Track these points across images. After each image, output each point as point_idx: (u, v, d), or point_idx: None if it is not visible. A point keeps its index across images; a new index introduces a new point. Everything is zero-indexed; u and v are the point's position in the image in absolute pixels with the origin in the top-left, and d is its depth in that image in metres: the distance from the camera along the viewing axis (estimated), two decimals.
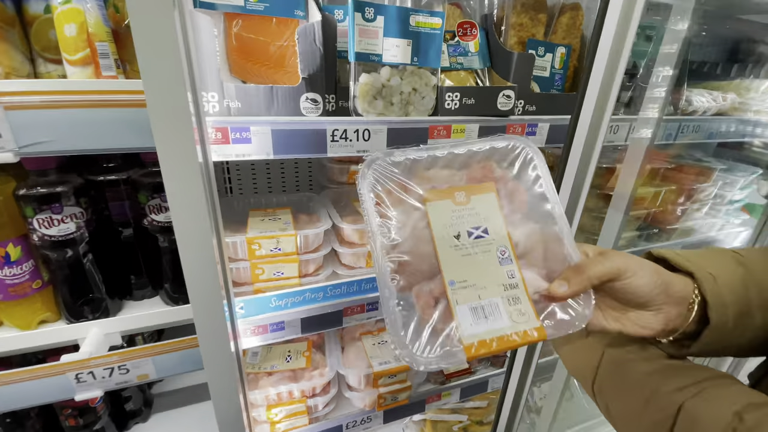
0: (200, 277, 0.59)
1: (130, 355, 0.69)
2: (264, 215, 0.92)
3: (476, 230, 0.49)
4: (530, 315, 0.46)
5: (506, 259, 0.48)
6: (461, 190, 0.50)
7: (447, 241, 0.48)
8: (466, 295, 0.46)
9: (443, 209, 0.49)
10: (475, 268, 0.47)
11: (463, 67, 0.92)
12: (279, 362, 1.08)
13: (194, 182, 0.53)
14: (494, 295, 0.46)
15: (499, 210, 0.50)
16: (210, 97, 0.65)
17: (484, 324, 0.44)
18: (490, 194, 0.51)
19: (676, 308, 0.47)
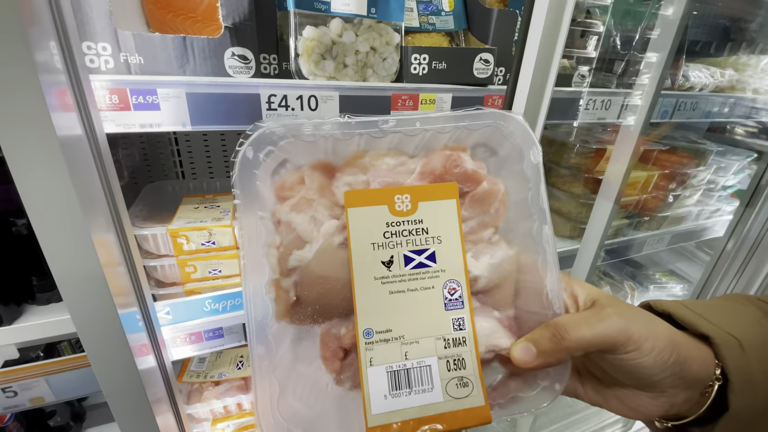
0: (75, 283, 0.46)
1: (14, 374, 0.55)
2: (200, 202, 0.78)
3: (418, 255, 0.34)
4: (474, 387, 0.32)
5: (455, 302, 0.34)
6: (405, 191, 0.34)
7: (371, 269, 0.33)
8: (386, 351, 0.32)
9: (373, 220, 0.34)
10: (407, 313, 0.33)
11: (435, 28, 0.78)
12: (229, 369, 0.96)
13: (51, 161, 0.39)
14: (428, 354, 0.33)
15: (457, 225, 0.35)
16: (100, 49, 0.51)
17: (405, 397, 0.32)
18: (448, 201, 0.35)
19: (686, 392, 0.33)
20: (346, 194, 0.33)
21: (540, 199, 0.35)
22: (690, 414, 0.34)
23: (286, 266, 0.33)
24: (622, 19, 0.84)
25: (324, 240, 0.33)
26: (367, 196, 0.34)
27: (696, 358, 0.32)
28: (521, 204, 0.36)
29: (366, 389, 0.32)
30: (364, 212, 0.33)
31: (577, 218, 1.08)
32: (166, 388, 0.69)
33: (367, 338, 0.32)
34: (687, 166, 1.05)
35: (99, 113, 0.49)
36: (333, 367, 0.34)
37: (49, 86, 0.39)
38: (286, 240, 0.33)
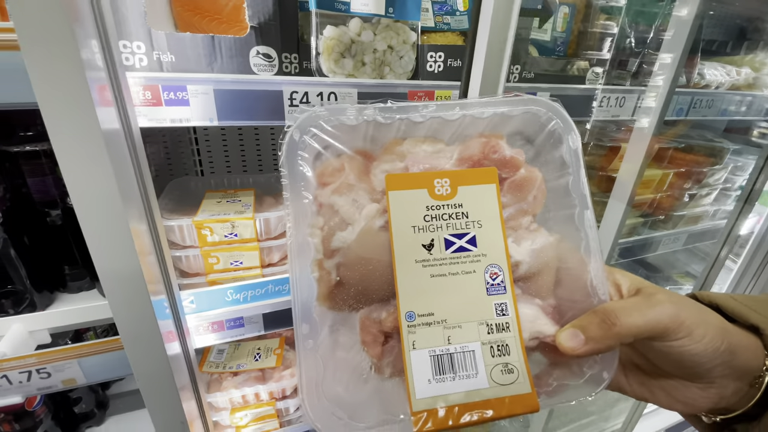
0: (115, 269, 0.48)
1: (48, 356, 0.58)
2: (222, 197, 0.81)
3: (459, 239, 0.34)
4: (520, 373, 0.32)
5: (497, 286, 0.33)
6: (445, 176, 0.34)
7: (412, 252, 0.33)
8: (428, 335, 0.32)
9: (413, 203, 0.34)
10: (448, 296, 0.33)
11: (450, 27, 0.80)
12: (247, 361, 0.98)
13: (96, 153, 0.42)
14: (471, 340, 0.32)
15: (497, 210, 0.34)
16: (135, 48, 0.54)
17: (449, 382, 0.31)
18: (488, 186, 0.35)
19: (735, 383, 0.32)
20: (386, 177, 0.34)
21: (581, 184, 0.35)
22: (739, 407, 0.33)
23: (330, 247, 0.34)
24: (635, 18, 0.85)
25: (365, 222, 0.34)
26: (408, 179, 0.34)
27: (746, 347, 0.32)
28: (561, 190, 0.36)
29: (409, 373, 0.31)
30: (404, 195, 0.34)
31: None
32: (190, 375, 0.71)
33: (409, 321, 0.32)
34: (703, 164, 1.04)
35: (134, 108, 0.52)
36: (374, 351, 0.33)
37: (93, 82, 0.42)
38: (329, 222, 0.34)
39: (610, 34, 0.88)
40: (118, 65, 0.49)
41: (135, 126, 0.52)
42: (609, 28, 0.88)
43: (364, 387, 0.34)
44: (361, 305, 0.34)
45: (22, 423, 0.81)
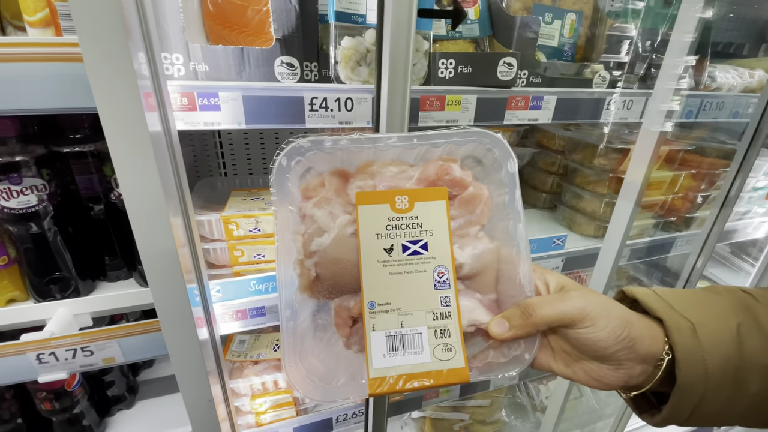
0: (157, 258, 0.54)
1: (93, 336, 0.65)
2: (246, 195, 0.87)
3: (414, 245, 0.42)
4: (457, 352, 0.40)
5: (443, 283, 0.41)
6: (404, 193, 0.42)
7: (375, 254, 0.41)
8: (385, 320, 0.40)
9: (378, 216, 0.42)
10: (403, 290, 0.41)
11: (462, 35, 0.84)
12: (266, 351, 1.04)
13: (144, 153, 0.48)
14: (419, 324, 0.40)
15: (446, 222, 0.42)
16: (174, 59, 0.60)
17: (400, 357, 0.39)
18: (439, 202, 0.43)
19: (641, 365, 0.38)
20: (357, 195, 0.42)
21: (515, 202, 0.43)
22: (646, 385, 0.39)
23: (309, 249, 0.42)
24: (642, 22, 0.87)
25: (339, 230, 0.42)
26: (374, 196, 0.42)
27: (647, 336, 0.38)
28: (501, 206, 0.44)
29: (369, 348, 0.39)
30: (371, 209, 0.42)
31: (601, 217, 1.09)
32: (216, 360, 0.77)
33: (370, 309, 0.40)
34: (715, 166, 1.05)
35: (172, 113, 0.58)
36: (343, 332, 0.41)
37: (141, 90, 0.48)
38: (309, 229, 0.42)
39: (621, 37, 0.91)
40: (160, 75, 0.55)
41: (173, 129, 0.58)
42: (621, 31, 0.90)
43: (335, 359, 0.41)
44: (335, 296, 0.42)
45: (62, 402, 0.88)
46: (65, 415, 0.88)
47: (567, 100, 0.82)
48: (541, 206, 1.27)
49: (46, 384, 0.84)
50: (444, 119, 0.74)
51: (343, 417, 1.09)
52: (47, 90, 0.51)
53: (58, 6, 0.62)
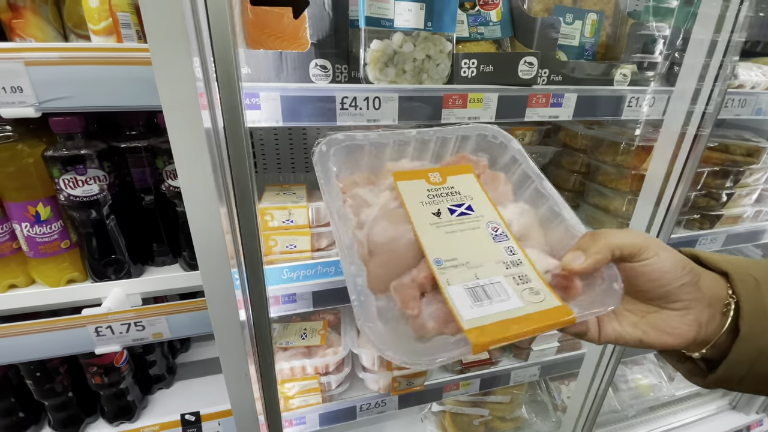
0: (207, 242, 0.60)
1: (145, 312, 0.72)
2: (279, 190, 0.93)
3: (459, 207, 0.42)
4: (546, 294, 0.36)
5: (501, 236, 0.40)
6: (435, 171, 0.45)
7: (425, 218, 0.40)
8: (458, 274, 0.36)
9: (417, 188, 0.43)
10: (464, 246, 0.38)
11: (484, 37, 0.88)
12: (294, 339, 1.10)
13: (199, 146, 0.54)
14: (494, 274, 0.37)
15: (481, 188, 0.44)
16: None
17: (488, 306, 0.34)
18: (468, 175, 0.45)
19: (708, 310, 0.38)
20: (393, 174, 0.45)
21: (531, 168, 0.46)
22: (714, 336, 0.38)
23: (359, 218, 0.43)
24: (664, 20, 0.88)
25: (383, 203, 0.44)
26: (409, 174, 0.45)
27: (711, 279, 0.38)
28: (522, 176, 0.47)
29: (451, 304, 0.34)
30: (409, 184, 0.44)
31: (624, 215, 1.10)
32: (251, 341, 0.83)
33: (438, 266, 0.37)
34: (738, 163, 1.04)
35: (219, 112, 0.64)
36: (414, 306, 0.36)
37: (198, 90, 0.54)
38: (355, 202, 0.44)
39: (643, 36, 0.92)
40: (210, 77, 0.61)
41: (220, 126, 0.65)
42: (643, 30, 0.91)
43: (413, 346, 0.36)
44: (391, 277, 0.39)
45: (110, 377, 0.96)
46: (112, 390, 0.96)
47: (587, 98, 0.85)
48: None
49: (98, 359, 0.92)
50: (466, 116, 0.78)
51: (367, 406, 1.14)
52: (116, 90, 0.58)
53: (119, 16, 0.69)
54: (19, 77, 0.54)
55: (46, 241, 0.73)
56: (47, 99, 0.55)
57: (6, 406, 0.88)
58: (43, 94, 0.54)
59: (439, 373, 1.21)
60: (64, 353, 0.72)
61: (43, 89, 0.54)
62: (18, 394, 0.89)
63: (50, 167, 0.68)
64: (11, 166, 0.67)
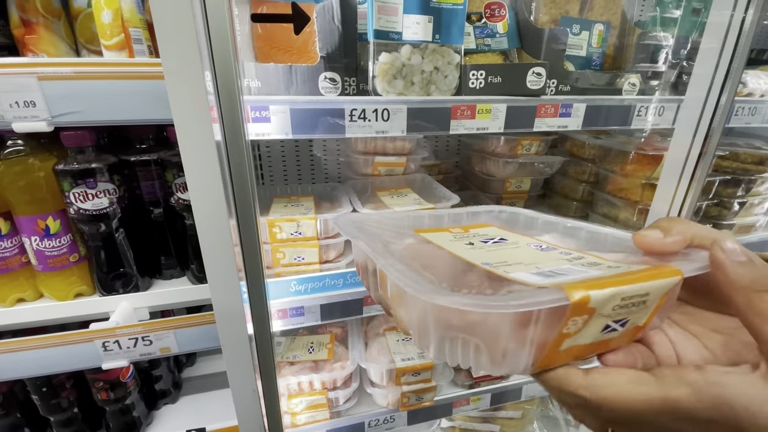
0: (215, 255, 0.60)
1: (152, 326, 0.71)
2: (287, 202, 0.93)
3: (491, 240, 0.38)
4: (622, 264, 0.29)
5: (548, 249, 0.35)
6: (456, 227, 0.44)
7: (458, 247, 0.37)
8: (515, 269, 0.30)
9: (441, 235, 0.41)
10: (510, 255, 0.33)
11: (491, 48, 0.89)
12: (301, 353, 1.08)
13: (210, 159, 0.54)
14: (558, 264, 0.31)
15: (509, 231, 0.42)
16: None
17: (564, 276, 0.27)
18: (490, 228, 0.44)
19: None
20: (414, 231, 0.44)
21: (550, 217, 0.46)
22: None
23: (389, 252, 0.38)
24: (671, 30, 0.88)
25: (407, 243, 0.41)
26: (430, 230, 0.44)
27: None
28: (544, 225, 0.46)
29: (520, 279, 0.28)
30: (431, 234, 0.42)
31: (635, 225, 1.09)
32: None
33: (488, 266, 0.31)
34: (750, 172, 1.03)
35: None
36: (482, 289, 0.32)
37: (209, 104, 0.54)
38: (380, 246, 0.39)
39: (651, 46, 0.92)
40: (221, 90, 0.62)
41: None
42: (651, 40, 0.91)
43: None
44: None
45: (116, 392, 0.95)
46: (118, 405, 0.95)
47: (596, 108, 0.84)
48: (572, 215, 1.27)
49: (104, 374, 0.91)
50: (475, 127, 0.78)
51: (375, 422, 1.12)
52: (127, 104, 0.58)
53: (132, 31, 0.70)
54: (32, 91, 0.55)
55: (55, 255, 0.73)
56: (59, 113, 0.55)
57: (11, 422, 0.87)
58: (55, 108, 0.54)
59: (448, 388, 1.18)
60: (71, 368, 0.71)
61: (56, 103, 0.54)
62: (23, 409, 0.88)
63: (61, 181, 0.68)
64: (22, 180, 0.68)
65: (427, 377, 1.09)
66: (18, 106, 0.54)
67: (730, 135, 1.28)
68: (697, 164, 0.84)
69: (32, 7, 0.73)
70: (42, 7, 0.73)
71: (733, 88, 0.78)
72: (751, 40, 0.75)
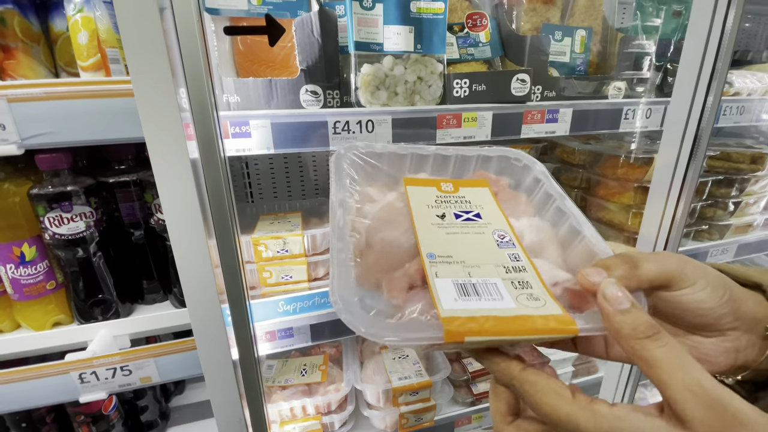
0: (194, 276, 0.57)
1: (131, 355, 0.67)
2: (274, 219, 0.91)
3: (466, 213, 0.39)
4: (547, 301, 0.31)
5: (507, 243, 0.37)
6: (448, 181, 0.43)
7: (428, 218, 0.38)
8: (450, 270, 0.33)
9: (426, 194, 0.41)
10: (463, 247, 0.36)
11: (474, 57, 0.88)
12: (294, 376, 1.04)
13: (185, 177, 0.52)
14: (491, 275, 0.33)
15: (494, 200, 0.42)
16: None
17: (475, 302, 0.30)
18: (483, 189, 0.43)
19: (747, 336, 0.33)
20: (404, 179, 0.43)
21: (553, 187, 0.43)
22: (753, 363, 0.34)
23: (362, 209, 0.40)
24: (653, 34, 0.88)
25: (388, 200, 0.41)
26: (421, 181, 0.44)
27: (750, 298, 0.34)
28: (544, 196, 0.44)
29: (435, 294, 0.31)
30: (418, 189, 0.42)
31: (630, 228, 1.07)
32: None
33: (431, 259, 0.34)
34: (743, 171, 1.02)
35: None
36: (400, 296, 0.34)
37: (183, 121, 0.52)
38: (361, 197, 0.41)
39: (634, 49, 0.92)
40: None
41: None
42: (633, 44, 0.92)
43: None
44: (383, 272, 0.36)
45: (98, 426, 0.90)
46: None
47: (583, 112, 0.84)
48: None
49: (84, 407, 0.87)
50: (461, 135, 0.77)
51: None
52: (99, 123, 0.56)
53: (108, 51, 0.69)
54: (1, 114, 0.53)
55: (31, 283, 0.70)
56: (30, 135, 0.53)
57: None
58: (25, 130, 0.53)
59: (449, 406, 1.14)
60: (47, 402, 0.67)
61: (26, 125, 0.52)
62: None
63: (35, 205, 0.66)
64: None
65: (426, 396, 1.05)
66: None
67: (720, 135, 1.27)
68: (688, 165, 0.83)
69: (11, 33, 0.72)
70: (21, 33, 0.72)
71: (720, 88, 0.78)
72: (734, 40, 0.75)
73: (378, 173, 0.46)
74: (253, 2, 0.71)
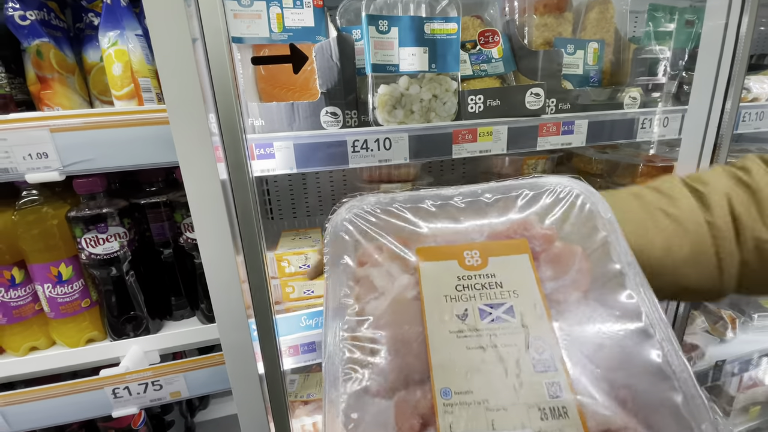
0: (223, 293, 0.59)
1: (162, 370, 0.70)
2: (295, 235, 0.93)
3: (494, 309, 0.31)
4: None
5: (545, 362, 0.28)
6: (474, 247, 0.33)
7: (445, 321, 0.30)
8: (468, 418, 0.27)
9: (444, 274, 0.32)
10: (489, 373, 0.28)
11: (487, 73, 0.90)
12: (316, 390, 1.05)
13: (216, 198, 0.55)
14: (520, 427, 0.26)
15: (534, 279, 0.32)
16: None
17: None
18: (520, 256, 0.33)
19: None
20: (417, 250, 0.34)
21: (622, 246, 0.33)
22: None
23: (363, 311, 0.32)
24: (667, 43, 0.89)
25: (398, 292, 0.33)
26: (438, 251, 0.34)
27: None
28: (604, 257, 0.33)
29: None
30: (435, 266, 0.33)
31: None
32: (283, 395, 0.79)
33: (445, 398, 0.27)
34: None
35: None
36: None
37: (213, 144, 0.55)
38: (362, 290, 0.34)
39: (648, 59, 0.92)
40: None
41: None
42: (647, 53, 0.92)
43: None
44: (398, 382, 0.30)
45: None
46: None
47: (599, 123, 0.84)
48: None
49: (115, 422, 0.89)
50: (477, 150, 0.78)
51: None
52: (135, 150, 0.60)
53: (141, 81, 0.74)
54: (44, 144, 0.57)
55: (67, 301, 0.73)
56: (71, 162, 0.57)
57: None
58: (67, 158, 0.56)
59: None
60: (81, 418, 0.70)
61: (67, 153, 0.56)
62: None
63: (73, 227, 0.69)
64: (36, 229, 0.69)
65: None
66: (31, 157, 0.56)
67: (740, 141, 1.25)
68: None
69: (47, 64, 0.77)
70: (57, 64, 0.78)
71: (737, 94, 0.77)
72: (749, 46, 0.75)
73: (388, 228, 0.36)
74: (274, 30, 0.75)
